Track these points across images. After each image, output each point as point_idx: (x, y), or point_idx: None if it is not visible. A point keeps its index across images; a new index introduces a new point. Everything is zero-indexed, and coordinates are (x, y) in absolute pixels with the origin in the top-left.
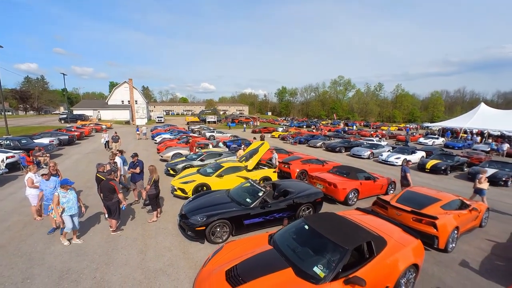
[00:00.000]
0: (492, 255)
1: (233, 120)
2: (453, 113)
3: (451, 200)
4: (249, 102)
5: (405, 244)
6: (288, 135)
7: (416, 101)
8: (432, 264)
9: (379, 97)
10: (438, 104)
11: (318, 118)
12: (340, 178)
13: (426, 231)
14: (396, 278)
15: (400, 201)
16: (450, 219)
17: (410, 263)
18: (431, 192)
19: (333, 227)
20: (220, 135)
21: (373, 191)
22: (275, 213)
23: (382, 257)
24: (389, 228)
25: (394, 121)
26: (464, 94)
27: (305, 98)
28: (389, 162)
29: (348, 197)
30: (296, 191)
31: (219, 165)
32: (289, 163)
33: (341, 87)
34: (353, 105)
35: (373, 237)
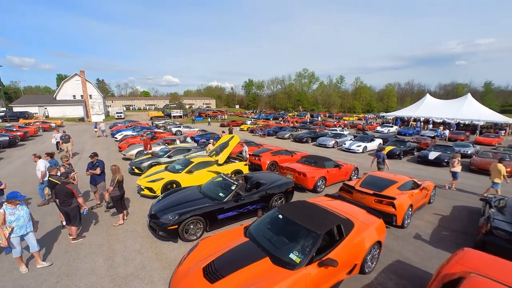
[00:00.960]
0: (439, 227)
1: (200, 114)
2: (404, 103)
3: (405, 182)
4: (216, 95)
5: (370, 224)
6: (257, 127)
7: (373, 93)
8: (392, 240)
9: (340, 89)
10: (392, 96)
11: (285, 110)
12: (309, 167)
13: (386, 211)
14: (363, 255)
15: (363, 185)
16: (406, 198)
17: (375, 240)
18: (388, 175)
19: (305, 214)
20: (188, 130)
21: (339, 178)
22: (249, 205)
23: (350, 238)
24: (355, 211)
25: (354, 111)
26: (413, 86)
27: (272, 90)
28: (351, 150)
29: (317, 184)
30: (268, 182)
31: (189, 161)
32: (259, 155)
33: (305, 80)
34: (317, 97)
35: (342, 220)
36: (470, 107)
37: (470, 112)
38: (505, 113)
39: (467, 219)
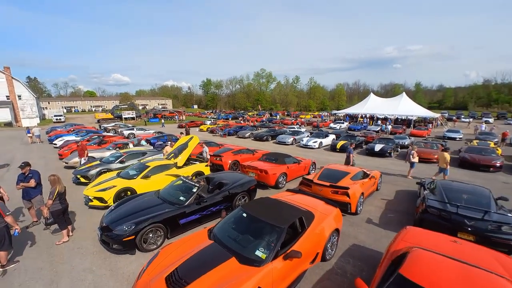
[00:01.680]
0: (386, 210)
1: (156, 115)
2: (353, 101)
3: (357, 172)
4: (173, 95)
5: (328, 213)
6: (217, 127)
7: (326, 92)
8: (348, 226)
9: (296, 89)
10: (342, 95)
11: (245, 110)
12: (270, 165)
13: (341, 200)
14: (324, 243)
15: (320, 178)
16: (358, 188)
17: (333, 228)
18: (342, 167)
19: (269, 210)
20: (142, 132)
21: (299, 173)
22: (212, 207)
23: (312, 229)
24: (315, 203)
25: (310, 110)
26: (359, 86)
27: (231, 90)
28: (308, 146)
29: (278, 181)
30: (231, 182)
31: (144, 165)
32: (220, 155)
33: (263, 80)
34: (275, 96)
35: (303, 213)
36: (405, 104)
37: (406, 108)
38: (432, 109)
39: (408, 201)
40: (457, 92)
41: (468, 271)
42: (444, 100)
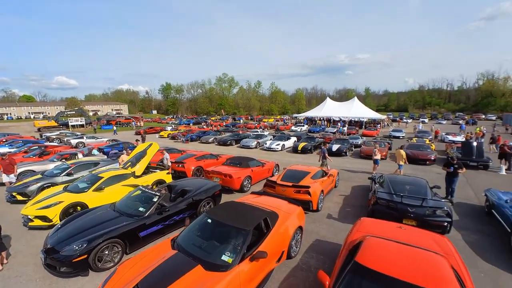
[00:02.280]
0: (344, 205)
1: (109, 122)
2: (311, 105)
3: (316, 171)
4: (128, 100)
5: (291, 212)
6: (179, 133)
7: (286, 97)
8: (310, 223)
9: (259, 93)
10: (301, 99)
11: (207, 115)
12: (234, 169)
13: (304, 199)
14: (289, 242)
15: (283, 179)
16: (318, 186)
17: (297, 226)
18: (303, 167)
19: (234, 214)
20: (93, 140)
21: (263, 175)
22: (175, 216)
23: (276, 228)
24: (279, 203)
25: (272, 113)
26: (317, 91)
27: (192, 94)
28: (272, 149)
29: (243, 184)
30: (194, 188)
31: (97, 177)
32: (183, 162)
33: (226, 84)
34: (238, 100)
35: (268, 213)
36: (357, 107)
37: (358, 111)
38: (379, 111)
39: (362, 196)
40: (399, 96)
41: (411, 252)
42: (389, 103)
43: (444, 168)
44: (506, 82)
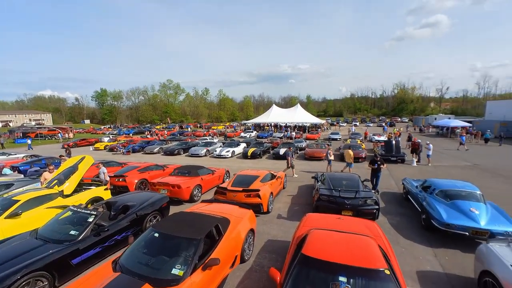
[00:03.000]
0: (292, 204)
1: (27, 135)
2: (259, 112)
3: (265, 174)
4: (53, 109)
5: (242, 216)
6: (118, 144)
7: (235, 104)
8: (262, 225)
9: (207, 101)
10: (249, 106)
11: (152, 123)
12: (183, 178)
13: (254, 202)
14: (241, 245)
15: (234, 185)
16: (267, 188)
17: (248, 229)
18: (252, 172)
19: (183, 225)
20: (4, 158)
21: (214, 183)
22: (117, 235)
23: (228, 234)
24: (230, 208)
25: (221, 121)
26: (264, 98)
27: (133, 102)
28: (222, 156)
29: (193, 194)
30: (138, 203)
31: (11, 201)
32: (123, 176)
33: (171, 91)
34: (185, 108)
35: (219, 220)
36: (300, 113)
37: (301, 117)
38: (319, 117)
39: (308, 194)
40: (335, 103)
41: (347, 238)
42: (327, 109)
43: (370, 165)
44: (413, 91)
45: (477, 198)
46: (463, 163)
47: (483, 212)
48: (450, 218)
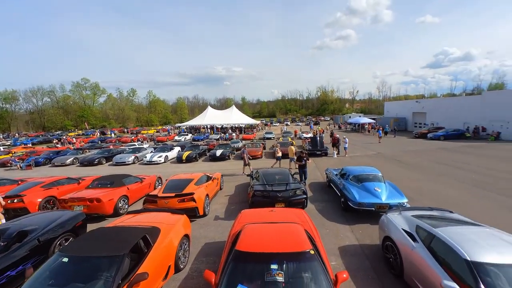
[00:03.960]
0: (229, 204)
1: None
2: (194, 114)
3: (200, 177)
4: None
5: (175, 223)
6: (13, 157)
7: (167, 106)
8: (198, 228)
9: (134, 103)
10: (183, 108)
11: (63, 130)
12: (104, 190)
13: (190, 206)
14: (174, 254)
15: (165, 191)
16: (202, 191)
17: (182, 235)
18: (186, 175)
19: (101, 242)
20: None
21: (143, 192)
22: (11, 270)
23: (159, 244)
24: (160, 217)
25: (152, 124)
26: (199, 100)
27: (35, 104)
28: (154, 162)
29: (118, 207)
30: (41, 226)
31: None
32: (19, 195)
33: (88, 91)
34: (107, 111)
35: (147, 230)
36: (236, 115)
37: (237, 118)
38: (255, 118)
39: (244, 192)
40: (269, 105)
41: (278, 227)
42: (262, 111)
43: (297, 162)
44: (332, 93)
45: (379, 179)
46: (370, 152)
47: (384, 190)
48: (361, 198)
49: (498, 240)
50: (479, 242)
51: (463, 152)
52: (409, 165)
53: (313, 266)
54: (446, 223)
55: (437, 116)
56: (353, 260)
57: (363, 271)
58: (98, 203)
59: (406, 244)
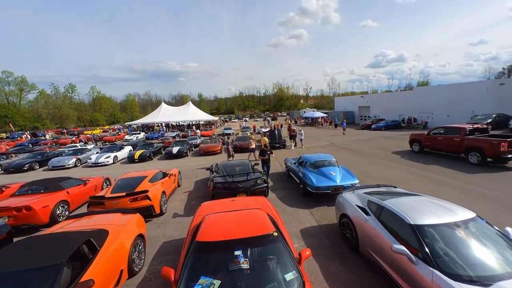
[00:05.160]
0: (189, 200)
1: None
2: (147, 111)
3: (155, 173)
4: None
5: (126, 223)
6: None
7: (115, 103)
8: (155, 228)
9: (74, 100)
10: (134, 105)
11: None
12: (35, 197)
13: (144, 205)
14: (127, 256)
15: (114, 191)
16: (158, 188)
17: (136, 235)
18: (138, 173)
19: (31, 253)
20: None
21: (88, 195)
22: None
23: (107, 247)
24: (109, 218)
25: (98, 124)
26: (151, 97)
27: None
28: (100, 163)
29: (55, 214)
30: None
31: None
32: None
33: (12, 87)
34: (40, 110)
35: (91, 233)
36: (193, 111)
37: (194, 115)
38: (213, 114)
39: (205, 187)
40: (227, 101)
41: (240, 214)
42: (220, 107)
43: (260, 157)
44: (288, 90)
45: (334, 164)
46: (324, 143)
47: (338, 174)
48: (319, 182)
49: (435, 206)
50: (420, 209)
51: (399, 139)
52: (356, 152)
53: (278, 248)
54: (391, 196)
55: (378, 109)
56: (314, 240)
57: (323, 249)
58: (28, 212)
59: (360, 218)
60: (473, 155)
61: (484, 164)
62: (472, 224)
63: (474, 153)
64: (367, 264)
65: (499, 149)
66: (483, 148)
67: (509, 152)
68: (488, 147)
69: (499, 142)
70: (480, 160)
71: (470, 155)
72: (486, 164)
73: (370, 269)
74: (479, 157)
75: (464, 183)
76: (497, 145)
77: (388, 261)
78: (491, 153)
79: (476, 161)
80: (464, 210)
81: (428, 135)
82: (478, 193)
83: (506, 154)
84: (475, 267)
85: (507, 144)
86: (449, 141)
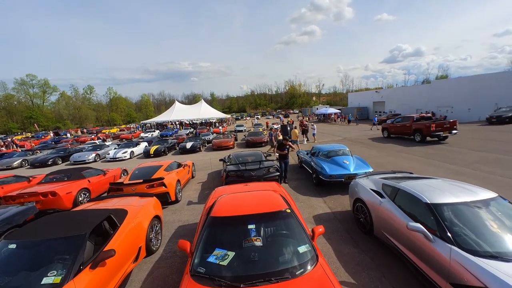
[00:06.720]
0: (203, 189)
1: None
2: (161, 111)
3: (170, 163)
4: None
5: (144, 204)
6: None
7: (131, 104)
8: (171, 214)
9: (92, 101)
10: (149, 105)
11: (7, 134)
12: (60, 184)
13: (160, 192)
14: (145, 235)
15: (132, 178)
16: (173, 176)
17: (153, 216)
18: (154, 163)
19: (57, 225)
20: None
21: (107, 185)
22: None
23: (126, 224)
24: (127, 200)
25: (115, 124)
26: (165, 96)
27: None
28: (118, 158)
29: (77, 200)
30: None
31: None
32: None
33: (36, 89)
34: (61, 111)
35: (112, 211)
36: (205, 109)
37: (206, 113)
38: (225, 113)
39: (218, 177)
40: (238, 100)
41: (253, 195)
42: (232, 106)
43: (277, 151)
44: (300, 87)
45: (347, 153)
46: (337, 138)
47: (351, 162)
48: (332, 171)
49: (454, 187)
50: (437, 189)
51: None
52: (371, 145)
53: (290, 223)
54: (407, 179)
55: (394, 104)
56: (327, 225)
57: (336, 233)
58: (53, 197)
59: (374, 201)
60: (417, 136)
61: (423, 141)
62: (493, 204)
63: (417, 134)
64: (382, 247)
65: (430, 129)
66: (421, 129)
67: (437, 131)
68: (424, 128)
69: (430, 124)
70: (420, 138)
71: (416, 135)
72: (425, 141)
73: (384, 252)
74: (420, 135)
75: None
76: (429, 127)
77: (404, 242)
78: (426, 132)
79: (418, 139)
80: (485, 191)
81: (392, 123)
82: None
83: (435, 132)
84: (496, 244)
85: (435, 125)
86: (403, 127)
